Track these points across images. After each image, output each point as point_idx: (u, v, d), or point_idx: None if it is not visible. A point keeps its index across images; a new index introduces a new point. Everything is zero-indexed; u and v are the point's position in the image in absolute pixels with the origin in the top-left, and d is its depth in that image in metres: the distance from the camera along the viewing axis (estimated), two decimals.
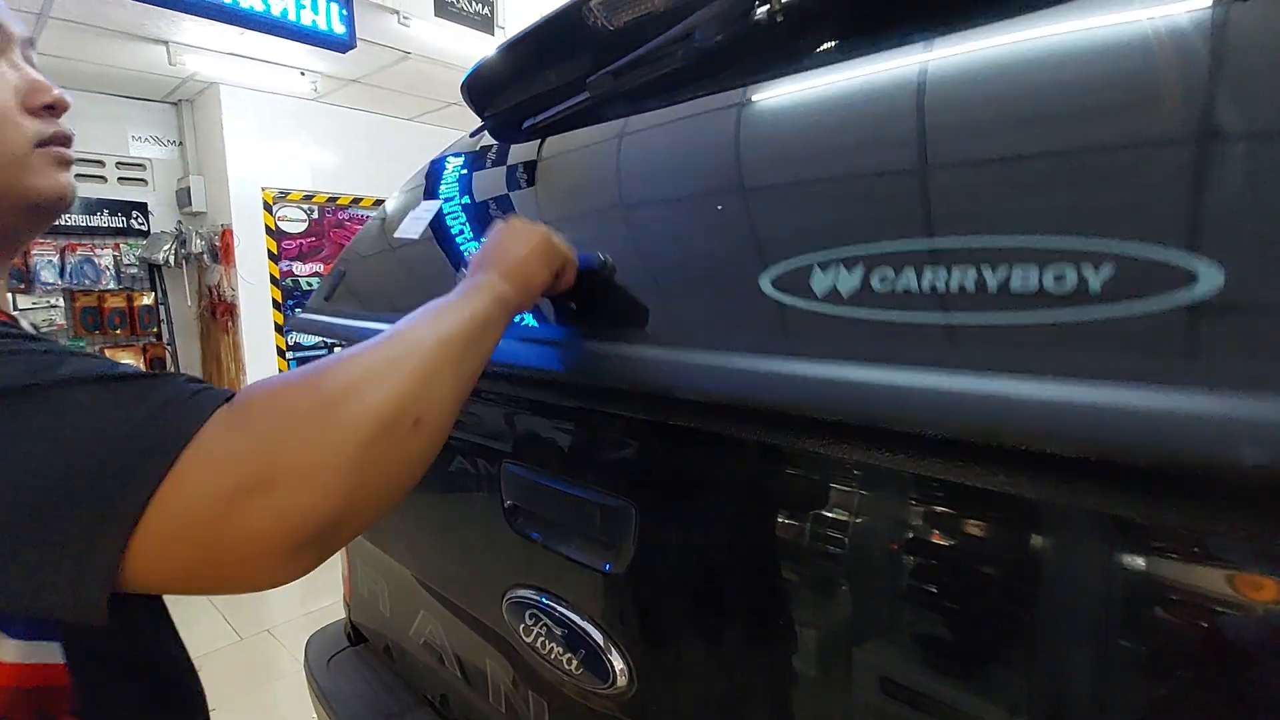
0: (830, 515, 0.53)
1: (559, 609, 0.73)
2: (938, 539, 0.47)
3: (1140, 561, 0.38)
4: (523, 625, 0.77)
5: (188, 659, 0.54)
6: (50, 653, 0.41)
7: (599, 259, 0.65)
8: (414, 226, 1.03)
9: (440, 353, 0.42)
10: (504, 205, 0.95)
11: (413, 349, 0.41)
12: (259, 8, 2.14)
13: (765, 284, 0.52)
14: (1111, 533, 0.39)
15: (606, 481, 0.69)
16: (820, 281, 0.48)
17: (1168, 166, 0.39)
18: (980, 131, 0.48)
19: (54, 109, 0.50)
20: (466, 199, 1.00)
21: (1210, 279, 0.34)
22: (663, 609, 0.66)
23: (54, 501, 0.31)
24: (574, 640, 0.71)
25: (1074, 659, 0.40)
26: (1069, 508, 0.40)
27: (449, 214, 1.00)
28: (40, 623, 0.41)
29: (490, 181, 1.01)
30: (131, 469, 0.32)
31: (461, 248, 0.93)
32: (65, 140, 0.51)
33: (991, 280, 0.40)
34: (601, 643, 0.68)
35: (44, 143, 0.49)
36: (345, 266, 1.19)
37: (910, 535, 0.48)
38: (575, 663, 0.71)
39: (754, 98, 0.67)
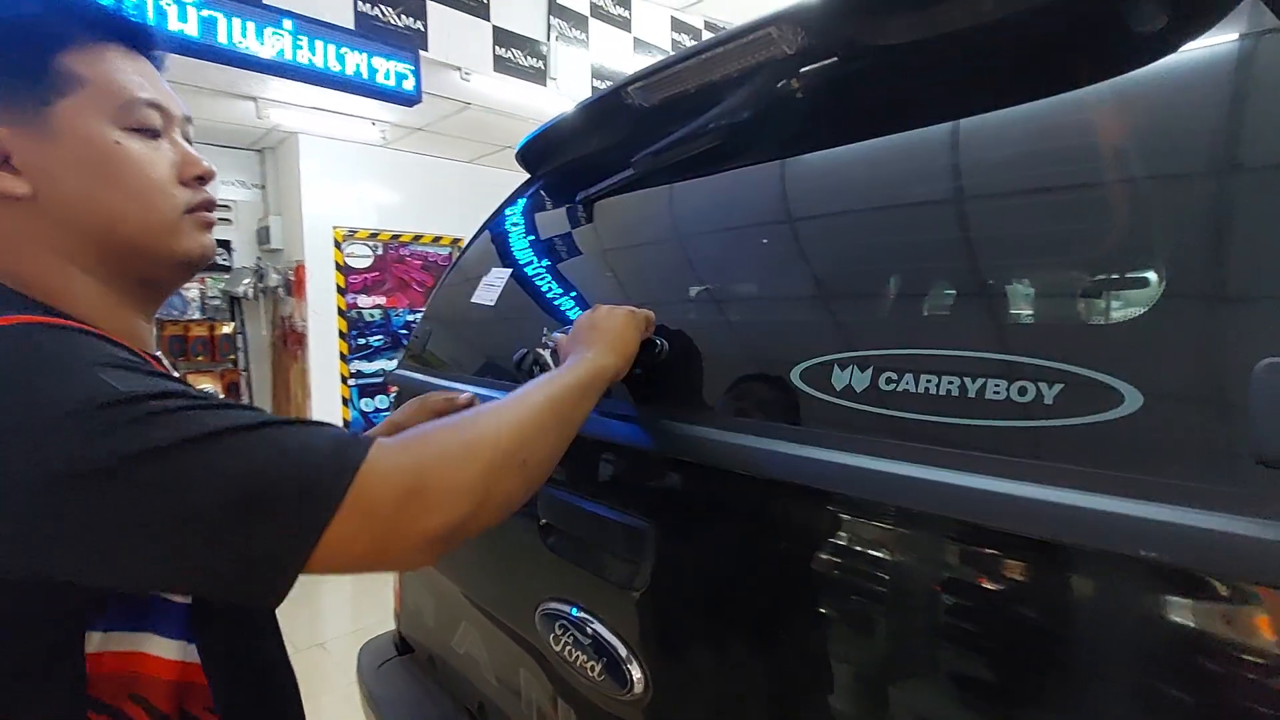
0: (830, 542, 0.59)
1: (585, 621, 0.80)
2: (919, 567, 0.53)
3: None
4: (552, 635, 0.85)
5: (288, 660, 0.64)
6: (191, 653, 0.51)
7: (655, 343, 0.75)
8: (488, 294, 1.15)
9: (548, 412, 0.56)
10: (561, 276, 1.06)
11: (527, 409, 0.54)
12: (348, 71, 2.39)
13: (795, 377, 0.60)
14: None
15: (629, 504, 0.77)
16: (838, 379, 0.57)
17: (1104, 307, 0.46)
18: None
19: (203, 180, 0.59)
20: (529, 269, 1.12)
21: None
22: (676, 621, 0.72)
23: (262, 509, 0.41)
24: (598, 650, 0.78)
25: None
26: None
27: (518, 282, 1.12)
28: (185, 623, 0.50)
29: (548, 251, 1.13)
30: (326, 484, 0.43)
31: (531, 311, 1.05)
32: (210, 205, 0.60)
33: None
34: (622, 652, 0.75)
35: (192, 209, 0.57)
36: (429, 326, 1.33)
37: (900, 564, 0.54)
38: (598, 670, 0.78)
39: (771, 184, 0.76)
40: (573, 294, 1.00)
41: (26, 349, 0.42)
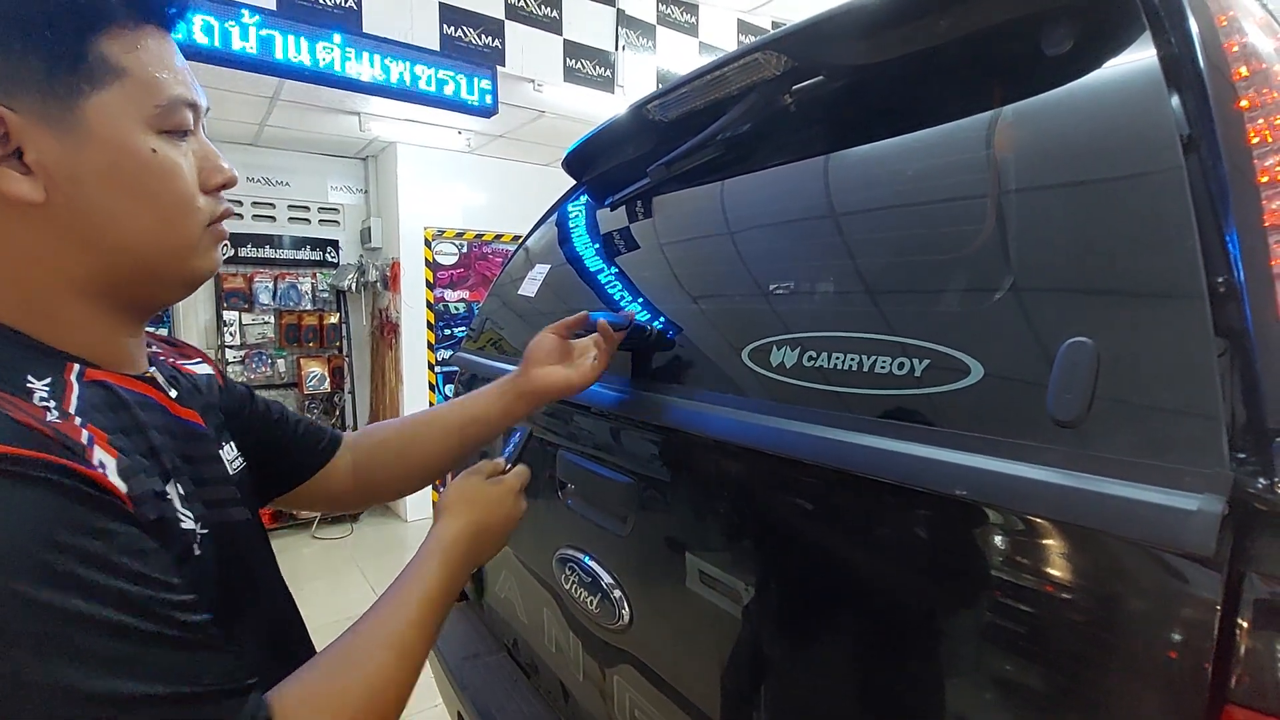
0: (771, 498, 0.71)
1: (587, 562, 0.95)
2: (829, 509, 0.64)
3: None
4: (564, 576, 1.00)
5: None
6: None
7: (645, 328, 0.89)
8: (530, 287, 1.33)
9: (424, 649, 0.54)
10: (587, 270, 1.22)
11: (409, 669, 0.52)
12: (432, 89, 2.70)
13: (745, 356, 0.73)
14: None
15: (620, 464, 0.91)
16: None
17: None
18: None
19: (224, 187, 0.51)
20: (566, 264, 1.29)
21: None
22: (653, 562, 0.86)
23: None
24: (595, 587, 0.92)
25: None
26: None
27: (555, 275, 1.29)
28: None
29: (580, 249, 1.29)
30: None
31: (564, 298, 1.21)
32: (228, 216, 0.52)
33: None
34: (613, 588, 0.89)
35: (213, 221, 0.50)
36: (485, 315, 1.53)
37: (813, 508, 0.65)
38: (595, 604, 0.92)
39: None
40: (593, 283, 1.15)
41: None
